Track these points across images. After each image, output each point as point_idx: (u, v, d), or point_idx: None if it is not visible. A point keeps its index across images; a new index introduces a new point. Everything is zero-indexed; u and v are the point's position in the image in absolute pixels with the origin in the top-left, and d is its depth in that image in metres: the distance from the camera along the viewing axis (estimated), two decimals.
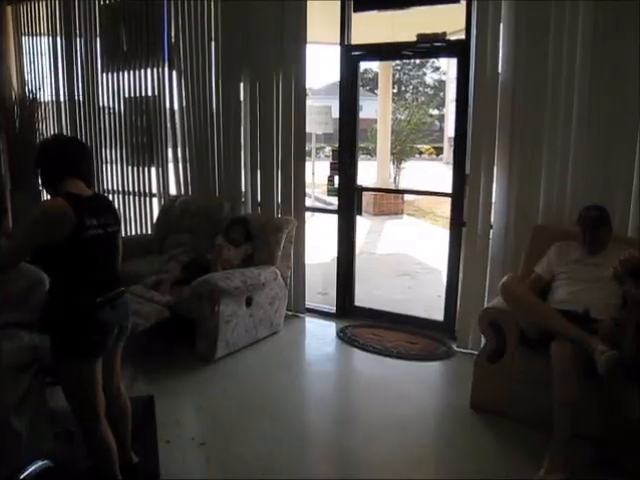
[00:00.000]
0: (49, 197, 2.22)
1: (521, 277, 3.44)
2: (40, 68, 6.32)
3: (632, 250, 2.89)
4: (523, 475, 2.67)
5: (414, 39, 4.39)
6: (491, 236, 4.04)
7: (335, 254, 4.99)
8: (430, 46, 4.35)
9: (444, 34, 4.30)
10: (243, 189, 5.05)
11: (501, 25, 3.77)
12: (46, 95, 6.32)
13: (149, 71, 5.41)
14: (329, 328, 4.72)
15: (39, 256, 2.15)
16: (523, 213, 3.85)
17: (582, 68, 3.51)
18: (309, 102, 5.06)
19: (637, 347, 2.57)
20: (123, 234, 5.63)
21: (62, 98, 6.17)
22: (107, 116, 5.86)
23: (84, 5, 5.72)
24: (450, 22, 4.62)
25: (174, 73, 5.25)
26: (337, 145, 4.91)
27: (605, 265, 3.10)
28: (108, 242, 2.27)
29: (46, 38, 6.17)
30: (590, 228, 3.22)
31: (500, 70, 3.82)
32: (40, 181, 2.27)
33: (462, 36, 4.11)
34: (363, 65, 28.28)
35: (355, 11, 4.49)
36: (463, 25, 4.06)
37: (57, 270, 2.15)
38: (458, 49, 4.17)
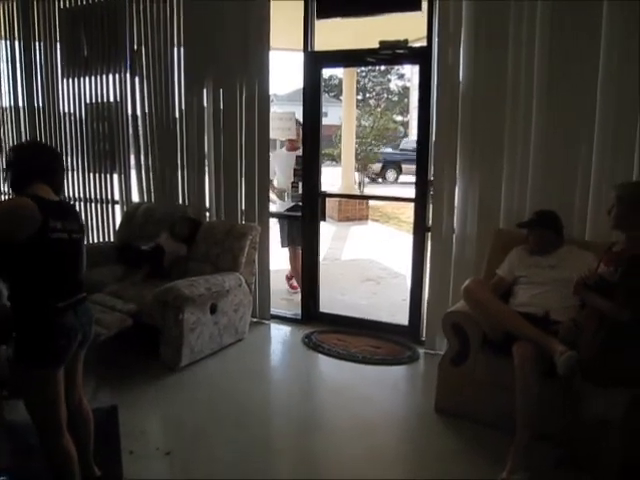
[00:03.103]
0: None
1: (484, 280, 3.49)
2: None
3: (586, 265, 2.99)
4: (487, 477, 2.70)
5: (377, 46, 4.42)
6: (454, 240, 4.09)
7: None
8: (392, 53, 4.39)
9: (406, 41, 4.34)
10: (207, 195, 5.02)
11: (462, 33, 3.84)
12: (4, 100, 6.19)
13: (111, 77, 5.33)
14: (294, 334, 4.71)
15: (2, 256, 2.12)
16: (485, 217, 3.91)
17: (540, 75, 3.59)
18: (273, 108, 5.05)
19: (595, 350, 2.63)
20: (85, 242, 5.56)
21: (21, 103, 6.04)
22: (68, 122, 5.75)
23: (43, 9, 5.61)
24: (413, 30, 4.67)
25: (136, 79, 5.20)
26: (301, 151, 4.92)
27: (559, 267, 3.23)
28: (71, 248, 2.25)
29: (4, 42, 6.04)
30: (529, 228, 3.41)
31: (461, 77, 3.88)
32: (9, 183, 2.26)
33: (424, 43, 4.16)
34: (327, 72, 28.41)
35: (318, 18, 4.51)
36: (425, 33, 4.12)
37: (19, 272, 2.12)
38: (420, 56, 4.22)
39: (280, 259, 5.75)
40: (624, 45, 3.31)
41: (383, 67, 27.54)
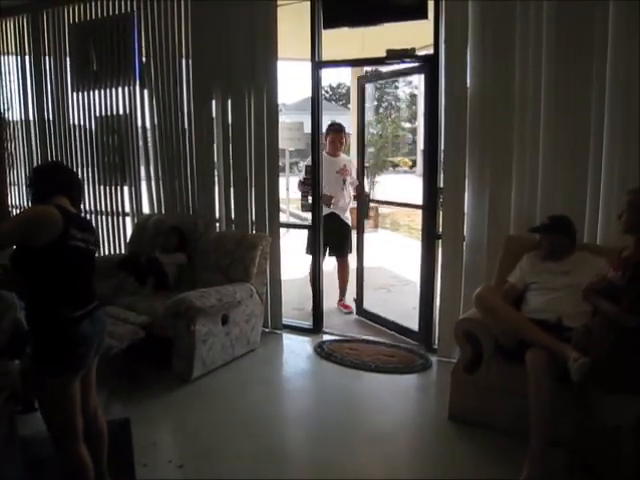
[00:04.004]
0: None
1: (495, 287, 3.47)
2: (8, 87, 6.26)
3: (598, 271, 2.99)
4: None
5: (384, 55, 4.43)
6: (464, 247, 4.08)
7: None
8: (399, 62, 4.40)
9: (413, 50, 4.34)
10: (217, 206, 5.03)
11: (469, 39, 3.83)
12: (15, 114, 6.26)
13: (120, 90, 5.38)
14: (306, 344, 4.70)
15: (23, 261, 2.17)
16: (495, 224, 3.89)
17: (548, 81, 3.57)
18: (281, 118, 5.06)
19: (603, 355, 2.61)
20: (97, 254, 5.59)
21: (31, 117, 6.11)
22: (78, 135, 5.80)
23: (53, 24, 5.67)
24: (420, 37, 4.68)
25: (145, 91, 5.23)
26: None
27: (572, 272, 3.19)
28: (87, 257, 2.32)
29: (14, 57, 6.12)
30: (541, 234, 3.38)
31: (469, 84, 3.88)
32: (32, 199, 2.40)
33: (431, 51, 4.16)
34: (335, 80, 28.55)
35: (325, 28, 4.51)
36: (431, 40, 4.12)
37: (40, 278, 2.17)
38: (427, 65, 4.22)
39: (293, 268, 5.74)
40: (630, 46, 3.28)
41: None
